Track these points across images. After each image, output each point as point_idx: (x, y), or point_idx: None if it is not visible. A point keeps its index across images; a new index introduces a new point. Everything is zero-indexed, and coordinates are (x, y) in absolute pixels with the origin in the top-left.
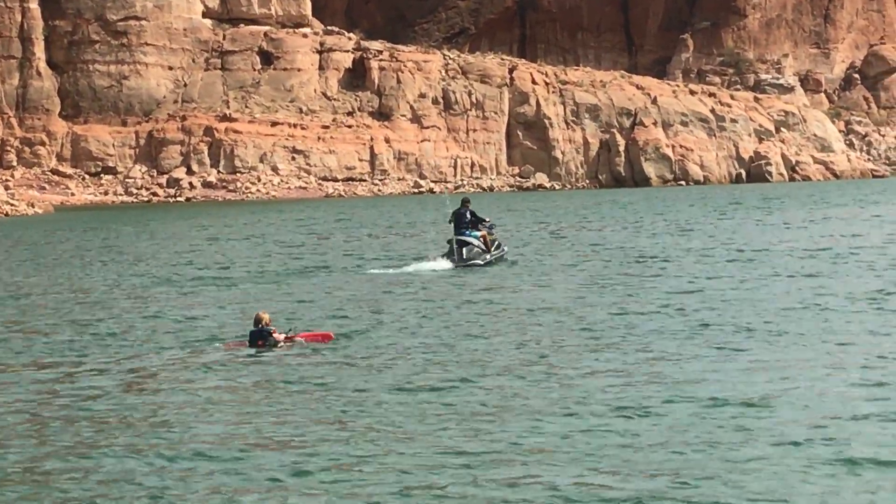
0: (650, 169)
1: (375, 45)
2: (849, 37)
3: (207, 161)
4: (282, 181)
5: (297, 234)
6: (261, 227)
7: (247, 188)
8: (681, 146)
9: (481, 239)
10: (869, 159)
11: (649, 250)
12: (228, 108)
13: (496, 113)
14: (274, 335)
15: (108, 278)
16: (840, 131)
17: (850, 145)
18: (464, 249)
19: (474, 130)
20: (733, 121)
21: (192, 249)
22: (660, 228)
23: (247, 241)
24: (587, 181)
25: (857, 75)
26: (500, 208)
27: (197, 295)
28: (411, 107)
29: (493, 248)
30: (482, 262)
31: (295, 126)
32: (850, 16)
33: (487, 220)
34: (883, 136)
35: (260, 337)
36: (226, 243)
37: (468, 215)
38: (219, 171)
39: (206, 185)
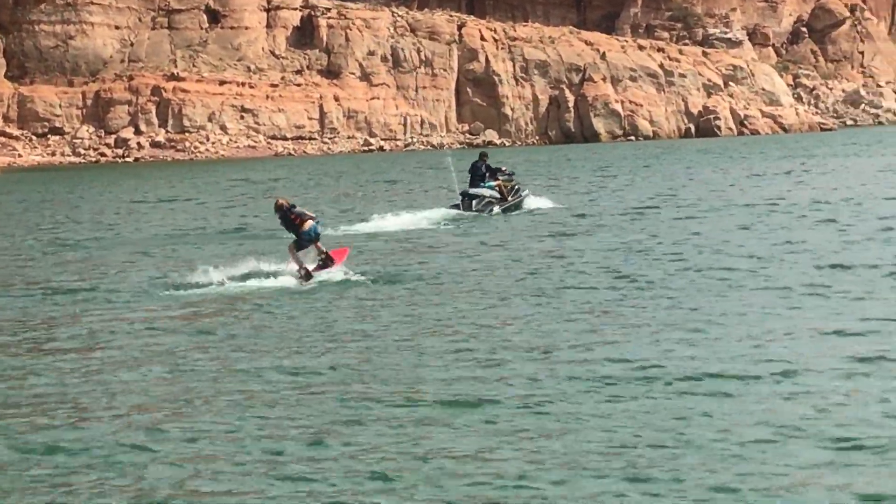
0: (600, 125)
1: (324, 2)
2: None
3: (155, 121)
4: (230, 140)
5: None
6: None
7: (195, 148)
8: (630, 101)
9: (496, 188)
10: (817, 112)
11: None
12: (176, 67)
13: (445, 70)
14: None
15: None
16: (788, 85)
17: (798, 99)
18: (473, 202)
19: (423, 88)
20: (682, 76)
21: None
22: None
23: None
24: (537, 137)
25: (804, 29)
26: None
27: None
28: (360, 65)
29: (510, 195)
30: (489, 214)
31: (243, 85)
32: None
33: (504, 168)
34: (830, 89)
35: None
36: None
37: (483, 168)
38: (167, 131)
39: (155, 144)
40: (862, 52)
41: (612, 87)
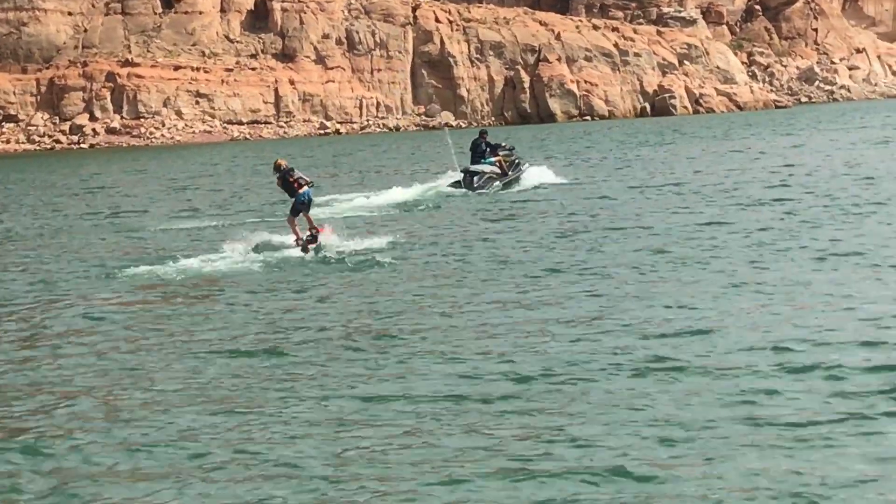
0: (555, 105)
1: None
2: None
3: (110, 107)
4: (186, 125)
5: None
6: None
7: (151, 133)
8: (585, 81)
9: (497, 164)
10: (772, 90)
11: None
12: (130, 52)
13: (400, 52)
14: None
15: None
16: (743, 63)
17: (753, 76)
18: (474, 178)
19: (379, 70)
20: (637, 55)
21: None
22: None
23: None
24: (493, 119)
25: (758, 7)
26: (403, 149)
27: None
28: (315, 48)
29: (511, 170)
30: (489, 191)
31: (198, 70)
32: None
33: (504, 144)
34: (785, 66)
35: (291, 177)
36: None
37: (483, 145)
38: (122, 117)
39: (110, 131)
40: (816, 30)
41: (568, 67)
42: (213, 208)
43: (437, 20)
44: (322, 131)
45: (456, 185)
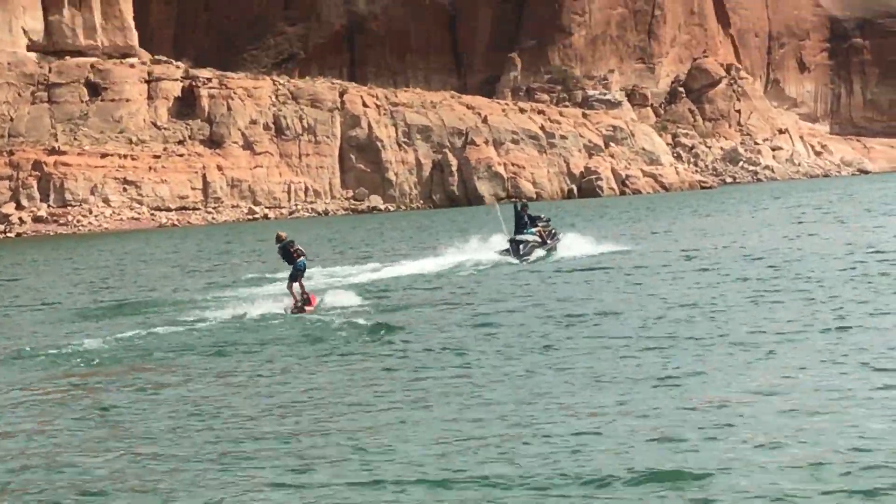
0: (483, 187)
1: (204, 72)
2: (672, 51)
3: (37, 195)
4: (114, 213)
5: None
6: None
7: (78, 221)
8: (512, 164)
9: (537, 234)
10: (696, 171)
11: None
12: (57, 141)
13: (328, 137)
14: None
15: None
16: (668, 144)
17: (678, 157)
18: (520, 247)
19: (307, 155)
20: (563, 137)
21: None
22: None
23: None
24: (421, 202)
25: (681, 89)
26: (331, 233)
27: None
28: (243, 133)
29: (549, 239)
30: (533, 259)
31: (125, 157)
32: (673, 31)
33: (543, 216)
34: (709, 147)
35: (291, 248)
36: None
37: (525, 218)
38: (49, 205)
39: (37, 219)
40: (739, 111)
41: (495, 149)
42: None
43: (364, 105)
44: (251, 216)
45: (504, 252)
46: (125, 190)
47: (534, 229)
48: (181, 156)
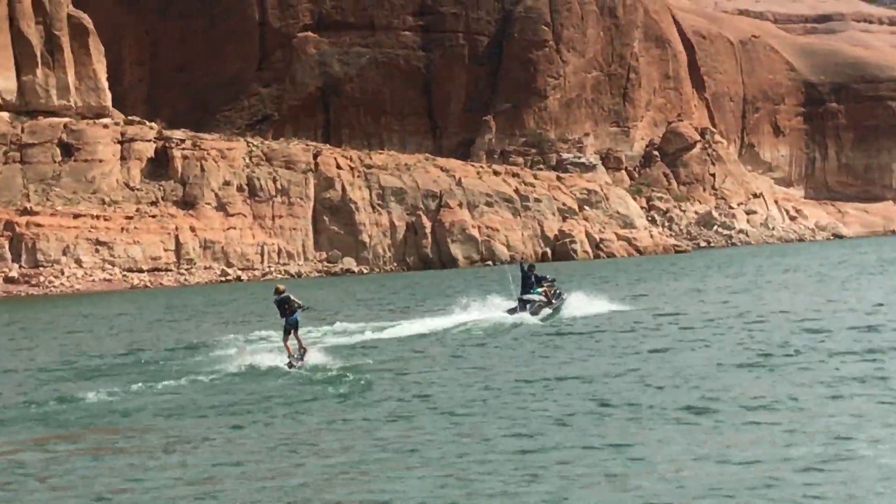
0: (457, 250)
1: (178, 133)
2: (647, 115)
3: (9, 256)
4: (86, 274)
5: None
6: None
7: (50, 282)
8: (487, 227)
9: (543, 294)
10: (671, 235)
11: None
12: (29, 201)
13: (302, 198)
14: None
15: None
16: (642, 208)
17: (653, 221)
18: (527, 306)
19: (280, 217)
20: (537, 200)
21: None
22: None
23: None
24: (395, 264)
25: (656, 152)
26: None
27: None
28: (216, 195)
29: (554, 298)
30: (540, 318)
31: (98, 217)
32: (648, 94)
33: (549, 277)
34: (683, 211)
35: (286, 304)
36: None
37: (532, 278)
38: (20, 266)
39: (8, 280)
40: (713, 175)
41: (469, 212)
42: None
43: (338, 167)
44: (223, 278)
45: (512, 311)
46: (97, 251)
47: (540, 289)
48: (154, 217)
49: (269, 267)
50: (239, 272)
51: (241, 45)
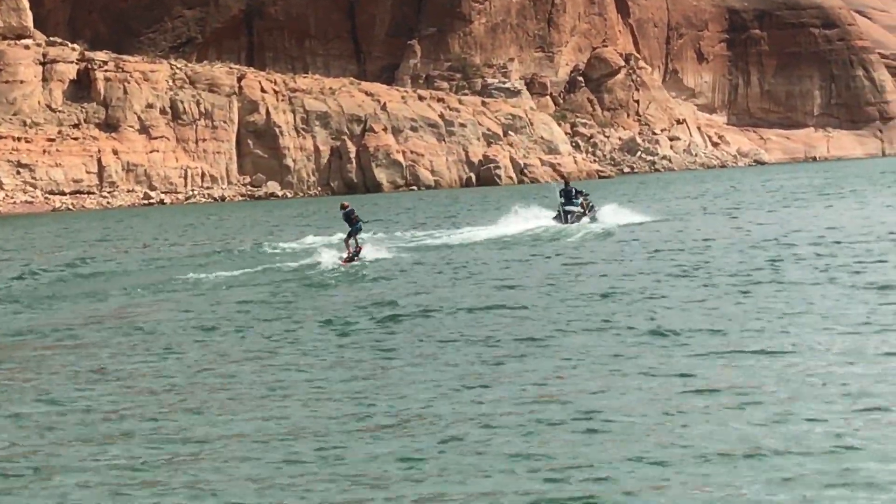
0: (382, 175)
1: (100, 55)
2: (572, 40)
3: None
4: (7, 196)
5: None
6: None
7: None
8: (411, 152)
9: (581, 206)
10: (595, 160)
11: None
12: None
13: (225, 122)
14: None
15: None
16: (566, 133)
17: (577, 147)
18: (569, 215)
19: (204, 140)
20: (462, 125)
21: None
22: None
23: None
24: (319, 189)
25: (580, 78)
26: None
27: None
28: (139, 117)
29: (589, 210)
30: (580, 223)
31: (19, 139)
32: (573, 20)
33: (584, 191)
34: (607, 137)
35: (352, 215)
36: None
37: (574, 191)
38: None
39: None
40: (637, 101)
41: (394, 137)
42: None
43: (262, 90)
44: (146, 201)
45: (556, 218)
46: (18, 173)
47: (578, 200)
48: (76, 139)
49: (193, 190)
50: (162, 195)
51: None
